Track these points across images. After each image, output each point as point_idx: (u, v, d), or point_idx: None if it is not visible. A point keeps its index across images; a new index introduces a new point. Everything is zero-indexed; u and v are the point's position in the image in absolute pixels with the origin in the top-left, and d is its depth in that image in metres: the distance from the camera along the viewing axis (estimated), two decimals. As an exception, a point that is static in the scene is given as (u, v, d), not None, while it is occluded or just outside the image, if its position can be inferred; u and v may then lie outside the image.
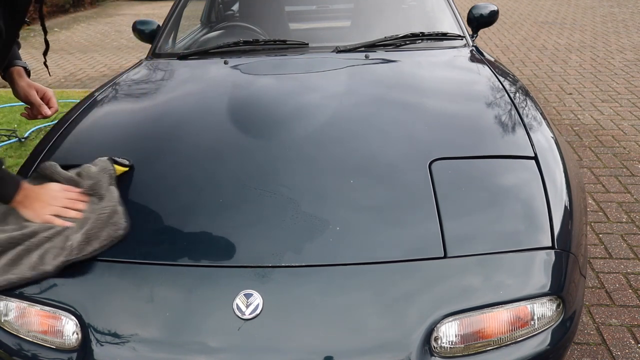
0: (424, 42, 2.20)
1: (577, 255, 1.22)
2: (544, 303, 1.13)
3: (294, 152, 1.44)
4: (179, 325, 1.09)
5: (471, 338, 1.10)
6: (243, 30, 2.46)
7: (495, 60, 2.25)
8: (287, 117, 1.60)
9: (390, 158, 1.41)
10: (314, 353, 1.06)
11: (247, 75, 1.96)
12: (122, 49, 7.26)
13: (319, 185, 1.33)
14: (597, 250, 2.35)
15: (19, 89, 1.49)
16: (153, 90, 1.95)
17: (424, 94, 1.73)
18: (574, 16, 8.24)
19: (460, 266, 1.14)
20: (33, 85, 1.51)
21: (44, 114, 1.53)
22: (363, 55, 2.08)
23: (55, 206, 1.30)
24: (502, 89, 1.79)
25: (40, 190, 1.33)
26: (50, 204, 1.31)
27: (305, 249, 1.18)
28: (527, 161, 1.40)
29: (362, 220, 1.23)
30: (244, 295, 1.11)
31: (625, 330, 1.90)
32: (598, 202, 2.76)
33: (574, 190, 1.36)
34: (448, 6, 2.49)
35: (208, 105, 1.74)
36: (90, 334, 1.11)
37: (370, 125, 1.55)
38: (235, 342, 1.07)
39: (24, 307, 1.18)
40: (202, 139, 1.55)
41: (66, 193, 1.34)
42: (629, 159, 3.25)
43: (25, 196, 1.30)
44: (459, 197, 1.28)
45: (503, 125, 1.56)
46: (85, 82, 5.59)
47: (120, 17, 10.26)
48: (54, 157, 1.52)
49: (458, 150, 1.44)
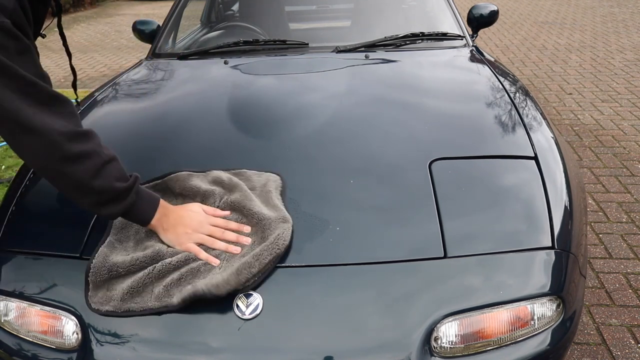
0: (424, 42, 2.20)
1: (577, 255, 1.22)
2: (544, 303, 1.13)
3: (294, 152, 1.44)
4: (179, 325, 1.09)
5: (471, 338, 1.10)
6: (243, 30, 2.46)
7: (495, 60, 2.25)
8: (287, 117, 1.60)
9: (390, 158, 1.41)
10: (314, 353, 1.06)
11: (247, 75, 1.96)
12: (122, 49, 7.26)
13: (319, 185, 1.33)
14: (597, 250, 2.35)
15: None
16: (153, 90, 1.95)
17: (424, 94, 1.73)
18: (574, 16, 8.24)
19: (460, 266, 1.14)
20: None
21: None
22: (363, 55, 2.08)
23: (201, 234, 1.15)
24: (502, 89, 1.79)
25: (182, 212, 1.18)
26: (197, 230, 1.15)
27: (305, 249, 1.18)
28: (527, 161, 1.40)
29: (362, 220, 1.23)
30: (244, 295, 1.11)
31: (625, 330, 1.90)
32: (598, 202, 2.76)
33: (574, 190, 1.36)
34: (448, 6, 2.49)
35: (208, 105, 1.74)
36: (90, 334, 1.11)
37: (370, 125, 1.55)
38: (235, 342, 1.07)
39: (24, 307, 1.18)
40: (202, 139, 1.54)
41: (212, 219, 1.18)
42: (629, 159, 3.25)
43: (165, 215, 1.15)
44: (459, 197, 1.28)
45: (503, 125, 1.56)
46: (85, 82, 5.59)
47: (120, 17, 10.26)
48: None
49: (458, 150, 1.44)
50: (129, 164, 1.44)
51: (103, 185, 1.03)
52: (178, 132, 1.59)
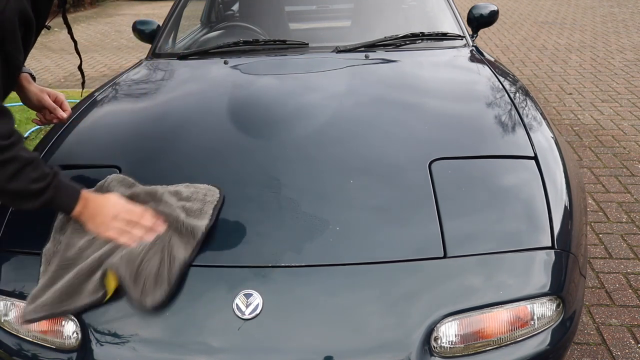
0: (424, 42, 2.20)
1: (577, 255, 1.22)
2: (543, 303, 1.13)
3: (294, 152, 1.44)
4: (178, 325, 1.09)
5: (471, 338, 1.10)
6: (243, 30, 2.46)
7: (495, 60, 2.25)
8: (287, 117, 1.60)
9: (390, 158, 1.41)
10: (313, 353, 1.06)
11: (247, 75, 1.96)
12: (122, 49, 7.26)
13: (319, 185, 1.33)
14: (597, 250, 2.35)
15: (31, 95, 1.45)
16: (153, 90, 1.95)
17: (424, 94, 1.73)
18: (574, 16, 8.24)
19: (460, 266, 1.14)
20: (45, 90, 1.48)
21: (60, 117, 1.49)
22: (363, 55, 2.08)
23: (118, 225, 1.19)
24: (502, 89, 1.79)
25: (101, 201, 1.22)
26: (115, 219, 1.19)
27: (305, 249, 1.18)
28: (527, 161, 1.40)
29: (362, 220, 1.23)
30: (243, 295, 1.11)
31: (625, 330, 1.90)
32: (598, 202, 2.76)
33: (574, 190, 1.36)
34: (448, 6, 2.49)
35: (208, 105, 1.74)
36: (90, 334, 1.11)
37: (370, 125, 1.55)
38: (235, 342, 1.07)
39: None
40: (202, 139, 1.55)
41: (129, 207, 1.22)
42: (629, 159, 3.25)
43: (85, 207, 1.19)
44: (459, 197, 1.28)
45: (503, 125, 1.56)
46: (86, 82, 5.58)
47: (120, 17, 10.26)
48: (54, 157, 1.52)
49: (458, 150, 1.44)
50: (129, 164, 1.45)
51: (19, 187, 1.08)
52: (178, 132, 1.59)
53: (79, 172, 1.45)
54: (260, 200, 1.30)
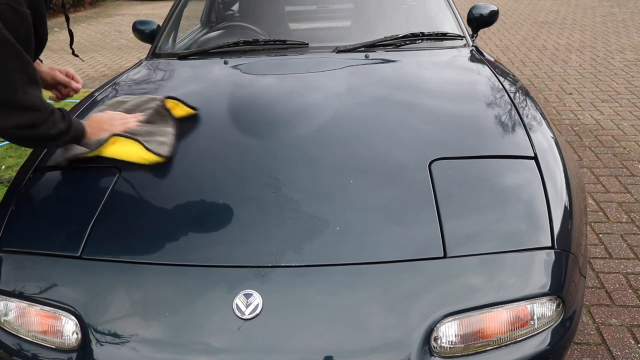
0: (424, 42, 2.20)
1: (577, 255, 1.22)
2: (543, 303, 1.13)
3: (294, 152, 1.44)
4: (178, 325, 1.09)
5: (471, 338, 1.10)
6: (243, 30, 2.46)
7: (495, 60, 2.25)
8: (287, 117, 1.60)
9: (390, 158, 1.41)
10: (313, 353, 1.06)
11: (247, 75, 1.96)
12: (122, 49, 7.26)
13: (319, 185, 1.33)
14: (597, 250, 2.35)
15: (44, 75, 1.56)
16: (153, 90, 1.95)
17: (424, 94, 1.74)
18: (574, 16, 8.24)
19: (460, 266, 1.14)
20: (54, 68, 1.60)
21: (76, 88, 1.64)
22: (363, 55, 2.08)
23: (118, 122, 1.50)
24: (502, 89, 1.79)
25: (98, 116, 1.52)
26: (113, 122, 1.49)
27: (305, 249, 1.18)
28: (527, 161, 1.40)
29: (362, 220, 1.23)
30: (243, 295, 1.11)
31: (625, 330, 1.90)
32: (598, 202, 2.76)
33: (574, 190, 1.36)
34: (448, 6, 2.49)
35: (208, 105, 1.74)
36: (90, 334, 1.11)
37: (370, 125, 1.55)
38: (235, 342, 1.07)
39: (24, 307, 1.19)
40: (202, 139, 1.55)
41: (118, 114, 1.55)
42: (629, 159, 3.25)
43: (90, 126, 1.45)
44: (459, 197, 1.28)
45: (503, 125, 1.56)
46: (86, 82, 5.59)
47: (120, 17, 10.26)
48: (54, 157, 1.52)
49: (458, 150, 1.44)
50: (129, 164, 1.45)
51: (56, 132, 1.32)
52: (177, 131, 1.59)
53: (79, 172, 1.45)
54: (261, 200, 1.30)
